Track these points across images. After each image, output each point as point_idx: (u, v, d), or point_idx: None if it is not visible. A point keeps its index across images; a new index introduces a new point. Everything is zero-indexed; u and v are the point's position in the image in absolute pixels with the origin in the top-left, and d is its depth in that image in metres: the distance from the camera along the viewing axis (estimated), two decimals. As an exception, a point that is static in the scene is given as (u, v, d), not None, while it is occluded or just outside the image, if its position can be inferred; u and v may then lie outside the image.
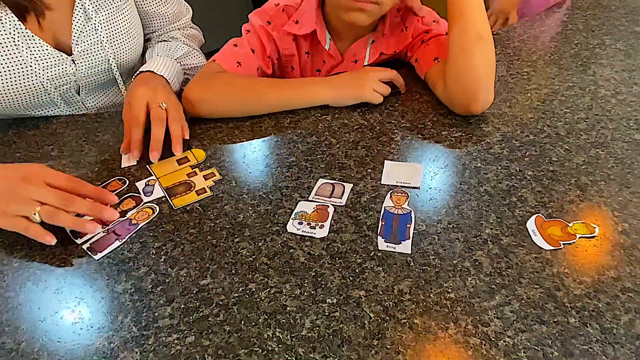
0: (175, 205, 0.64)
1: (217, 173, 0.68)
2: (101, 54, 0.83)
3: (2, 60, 0.73)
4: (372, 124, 0.76)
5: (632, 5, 1.05)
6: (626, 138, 0.71)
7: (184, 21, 0.99)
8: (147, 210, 0.63)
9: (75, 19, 0.78)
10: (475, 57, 0.71)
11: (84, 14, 0.79)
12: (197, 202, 0.64)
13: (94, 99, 0.88)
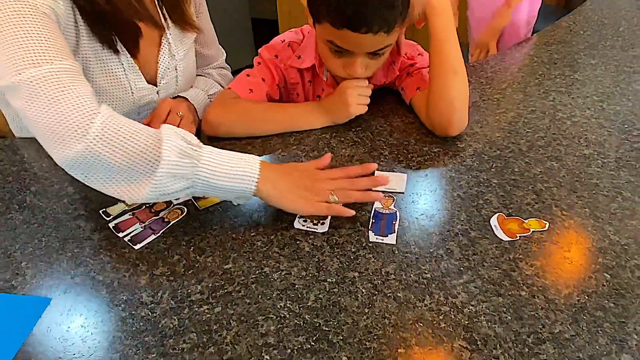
0: (200, 206, 0.76)
1: None
2: (174, 87, 0.97)
3: (113, 87, 0.86)
4: (364, 141, 0.90)
5: (589, 41, 1.20)
6: (577, 153, 0.84)
7: (220, 62, 1.15)
8: (177, 210, 0.76)
9: (161, 57, 0.92)
10: (452, 90, 0.85)
11: (168, 52, 0.93)
12: (218, 204, 0.77)
13: None
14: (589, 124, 0.91)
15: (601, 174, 0.80)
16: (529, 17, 1.37)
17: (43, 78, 0.64)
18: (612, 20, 1.30)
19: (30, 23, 0.67)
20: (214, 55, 1.12)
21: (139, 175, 0.65)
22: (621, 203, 0.74)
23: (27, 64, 0.65)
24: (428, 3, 0.87)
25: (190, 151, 0.65)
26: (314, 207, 0.71)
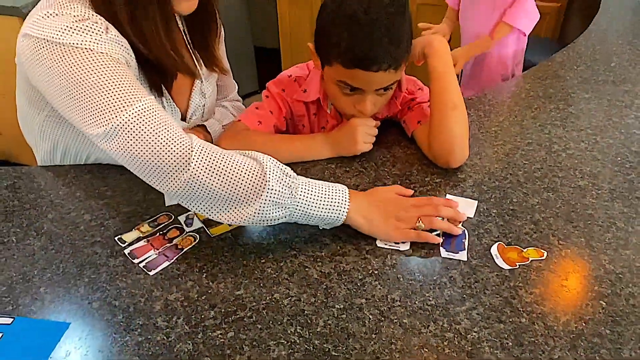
0: (212, 234, 0.79)
1: None
2: (199, 122, 1.02)
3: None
4: (368, 171, 0.93)
5: (582, 76, 1.26)
6: (572, 184, 0.88)
7: (233, 94, 1.20)
8: (190, 238, 0.79)
9: (193, 96, 0.97)
10: (452, 124, 0.89)
11: (200, 92, 0.98)
12: (229, 231, 0.80)
13: None
14: (584, 157, 0.95)
15: (596, 205, 0.83)
16: (515, 51, 1.43)
17: (136, 118, 0.70)
18: (604, 55, 1.36)
19: (110, 71, 0.72)
20: (229, 87, 1.18)
21: (243, 201, 0.70)
22: (615, 233, 0.77)
23: (118, 108, 0.70)
24: (428, 44, 0.93)
25: (289, 181, 0.71)
26: (403, 234, 0.76)
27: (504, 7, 1.34)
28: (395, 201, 0.80)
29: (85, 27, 0.73)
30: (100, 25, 0.75)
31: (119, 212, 0.84)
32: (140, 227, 0.81)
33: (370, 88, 0.88)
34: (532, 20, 1.35)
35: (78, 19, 0.73)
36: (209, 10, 0.93)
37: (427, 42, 0.93)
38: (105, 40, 0.74)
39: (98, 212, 0.84)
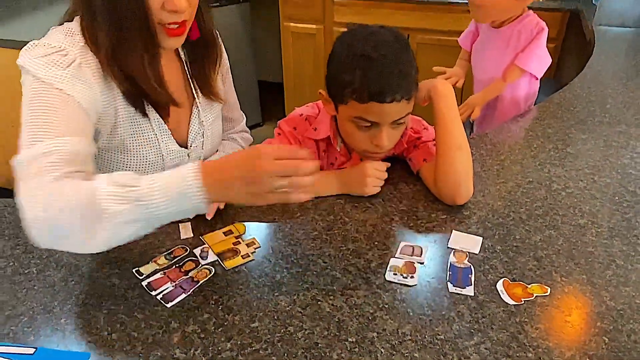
0: (227, 267, 0.82)
1: (257, 242, 0.88)
2: (201, 150, 1.05)
3: (145, 149, 0.94)
4: (376, 207, 0.97)
5: (579, 117, 1.31)
6: (572, 222, 0.92)
7: (241, 125, 1.24)
8: (205, 270, 0.81)
9: (192, 123, 1.01)
10: (457, 164, 0.94)
11: (198, 119, 1.02)
12: (243, 264, 0.83)
13: None
14: (583, 195, 0.99)
15: (596, 243, 0.86)
16: (527, 94, 1.48)
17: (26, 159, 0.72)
18: (599, 97, 1.42)
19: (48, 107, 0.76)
20: (237, 119, 1.22)
21: (88, 231, 0.68)
22: (615, 270, 0.80)
23: (28, 144, 0.74)
24: (433, 88, 0.98)
25: (130, 194, 0.67)
26: (263, 199, 0.70)
27: (516, 51, 1.40)
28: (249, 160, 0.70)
29: (51, 60, 0.78)
30: (67, 59, 0.80)
31: (137, 244, 0.86)
32: (157, 259, 0.83)
33: (385, 120, 0.91)
34: (543, 64, 1.41)
35: (52, 51, 0.79)
36: (208, 40, 0.98)
37: (432, 86, 0.98)
38: (62, 75, 0.78)
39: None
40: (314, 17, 2.81)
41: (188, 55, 1.01)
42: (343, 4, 2.72)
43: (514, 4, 1.32)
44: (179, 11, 0.83)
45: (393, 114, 0.91)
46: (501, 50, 1.43)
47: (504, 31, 1.42)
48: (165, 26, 0.84)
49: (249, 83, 3.15)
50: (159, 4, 0.81)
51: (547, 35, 1.40)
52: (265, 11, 3.27)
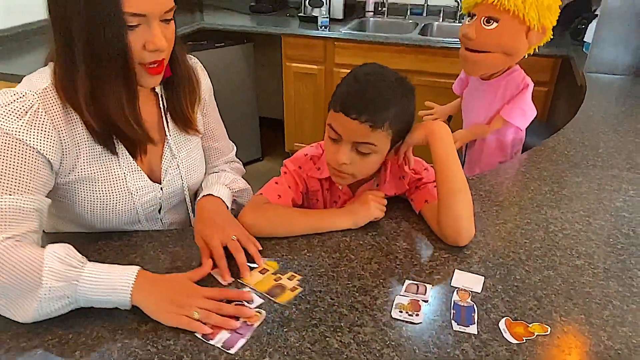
0: (281, 302, 0.85)
1: (296, 274, 0.91)
2: (179, 182, 1.08)
3: (112, 189, 0.96)
4: (381, 245, 1.00)
5: (573, 161, 1.36)
6: (570, 263, 0.95)
7: (230, 156, 1.26)
8: (257, 313, 0.82)
9: (164, 157, 1.04)
10: (458, 206, 0.97)
11: (170, 152, 1.05)
12: (295, 297, 0.85)
13: (169, 216, 1.12)
14: (579, 237, 1.03)
15: (593, 284, 0.90)
16: (513, 141, 1.54)
17: None
18: (592, 142, 1.48)
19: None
20: (223, 149, 1.23)
21: (24, 301, 0.75)
22: (612, 311, 0.83)
23: None
24: (430, 130, 1.01)
25: (70, 274, 0.76)
26: (175, 319, 0.78)
27: (502, 103, 1.46)
28: (183, 286, 0.83)
29: (11, 109, 0.83)
30: (25, 105, 0.83)
31: (149, 278, 0.88)
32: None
33: (347, 136, 0.95)
34: (527, 118, 1.47)
35: (13, 99, 0.83)
36: (184, 75, 1.02)
37: (429, 129, 1.01)
38: (18, 124, 0.82)
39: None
40: (315, 58, 2.91)
41: (164, 90, 1.03)
42: (343, 47, 2.82)
43: (503, 60, 1.39)
44: (160, 50, 0.86)
45: (354, 133, 0.94)
46: (489, 101, 1.50)
47: (492, 83, 1.49)
48: (145, 65, 0.88)
49: (251, 119, 3.23)
50: (140, 44, 0.84)
51: (540, 79, 1.47)
52: (268, 51, 3.38)
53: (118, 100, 0.87)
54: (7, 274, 0.74)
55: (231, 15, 3.20)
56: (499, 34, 1.33)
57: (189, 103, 1.05)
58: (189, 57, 1.07)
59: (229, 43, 2.94)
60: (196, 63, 1.11)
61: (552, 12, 1.32)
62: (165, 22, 0.87)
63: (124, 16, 0.80)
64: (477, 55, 1.39)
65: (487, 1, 1.31)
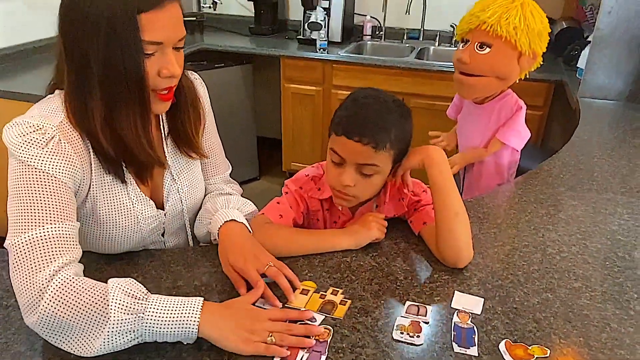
0: (338, 316, 0.87)
1: (337, 289, 0.93)
2: (180, 207, 1.09)
3: (120, 218, 0.97)
4: (381, 266, 1.01)
5: (568, 184, 1.39)
6: (568, 286, 0.97)
7: (226, 175, 1.24)
8: (325, 330, 0.83)
9: (165, 181, 1.05)
10: (456, 229, 0.99)
11: (170, 176, 1.06)
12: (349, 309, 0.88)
13: (171, 239, 1.12)
14: (576, 260, 1.05)
15: (590, 306, 0.91)
16: (509, 163, 1.57)
17: (17, 248, 0.79)
18: (587, 165, 1.51)
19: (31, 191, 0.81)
20: (220, 165, 1.21)
21: (90, 335, 0.74)
22: (610, 334, 0.85)
23: (16, 230, 0.80)
24: (426, 155, 1.02)
25: (137, 306, 0.76)
26: (252, 347, 0.78)
27: (497, 126, 1.50)
28: (250, 312, 0.83)
29: (30, 140, 0.83)
30: (45, 137, 0.84)
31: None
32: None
33: (350, 158, 0.98)
34: (522, 139, 1.51)
35: (30, 130, 0.83)
36: (189, 101, 1.03)
37: (426, 154, 1.03)
38: (40, 155, 0.83)
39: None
40: (313, 79, 2.95)
41: (166, 115, 1.04)
42: (341, 69, 2.87)
43: (496, 83, 1.43)
44: (174, 76, 0.88)
45: (357, 155, 0.97)
46: (483, 124, 1.53)
47: (486, 107, 1.52)
48: (157, 92, 0.89)
49: (249, 138, 3.25)
50: (155, 71, 0.86)
51: (534, 103, 1.50)
52: (267, 72, 3.43)
53: (133, 124, 0.88)
54: (71, 309, 0.74)
55: (231, 37, 3.25)
56: (492, 58, 1.37)
57: (194, 128, 1.06)
58: (190, 72, 1.08)
59: (228, 64, 2.98)
60: (196, 79, 1.12)
61: (542, 39, 1.37)
62: (177, 49, 0.89)
63: (142, 44, 0.82)
64: (471, 78, 1.42)
65: (480, 27, 1.35)
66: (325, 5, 3.04)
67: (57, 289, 0.75)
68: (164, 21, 0.84)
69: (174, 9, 0.86)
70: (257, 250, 0.97)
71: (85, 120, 0.87)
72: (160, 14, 0.83)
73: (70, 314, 0.74)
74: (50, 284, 0.76)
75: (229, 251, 0.96)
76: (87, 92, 0.85)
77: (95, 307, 0.74)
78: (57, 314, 0.74)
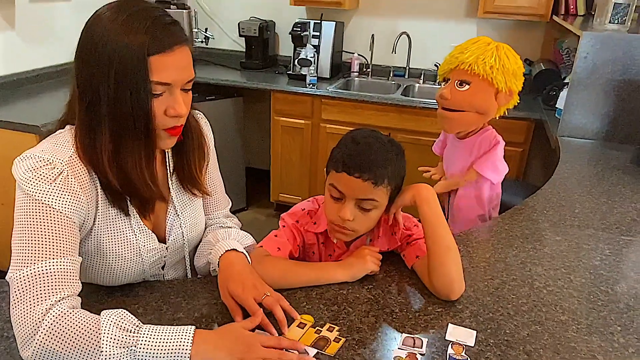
0: (330, 353, 0.88)
1: (334, 326, 0.95)
2: (181, 241, 1.11)
3: (124, 251, 0.99)
4: (377, 298, 1.04)
5: (552, 220, 1.45)
6: (555, 318, 1.01)
7: (226, 210, 1.28)
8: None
9: (168, 215, 1.07)
10: (448, 263, 1.03)
11: (174, 211, 1.08)
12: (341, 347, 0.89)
13: (170, 271, 1.13)
14: (562, 293, 1.09)
15: (577, 339, 0.95)
16: (489, 197, 1.63)
17: (18, 282, 0.81)
18: (568, 202, 1.58)
19: (37, 226, 0.83)
20: (221, 201, 1.24)
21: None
22: (597, 365, 0.89)
23: (18, 264, 0.82)
24: (417, 192, 1.08)
25: (129, 340, 0.78)
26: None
27: (476, 158, 1.57)
28: (244, 340, 0.85)
29: (39, 174, 0.85)
30: (54, 172, 0.86)
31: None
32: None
33: (350, 193, 1.02)
34: (499, 172, 1.58)
35: (40, 164, 0.86)
36: (195, 140, 1.06)
37: (416, 191, 1.08)
38: (48, 190, 0.85)
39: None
40: (303, 113, 3.02)
41: (172, 152, 1.06)
42: (330, 104, 2.95)
43: (476, 118, 1.51)
44: (180, 116, 0.92)
45: (357, 190, 1.02)
46: (465, 157, 1.61)
47: (467, 142, 1.60)
48: (164, 130, 0.92)
49: (237, 169, 3.28)
50: (161, 110, 0.89)
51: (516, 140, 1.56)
52: (256, 105, 3.50)
53: (138, 160, 0.91)
54: (64, 343, 0.76)
55: (223, 70, 3.32)
56: (471, 95, 1.46)
57: (198, 167, 1.09)
58: (197, 112, 1.12)
59: (219, 97, 3.04)
60: (201, 118, 1.16)
61: (517, 78, 1.45)
62: (185, 90, 0.93)
63: (150, 84, 0.86)
64: (453, 113, 1.51)
65: (459, 67, 1.44)
66: (315, 43, 3.14)
67: (51, 323, 0.77)
68: (174, 64, 0.88)
69: (184, 52, 0.90)
70: (255, 279, 1.00)
71: (94, 156, 0.90)
72: (170, 57, 0.87)
73: (64, 349, 0.76)
74: (45, 318, 0.77)
75: (228, 279, 0.99)
76: (96, 129, 0.88)
77: (88, 341, 0.76)
78: (51, 348, 0.76)
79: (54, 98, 2.52)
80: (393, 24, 3.26)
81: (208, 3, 3.55)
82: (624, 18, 2.10)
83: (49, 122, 2.15)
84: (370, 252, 1.11)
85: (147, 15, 0.87)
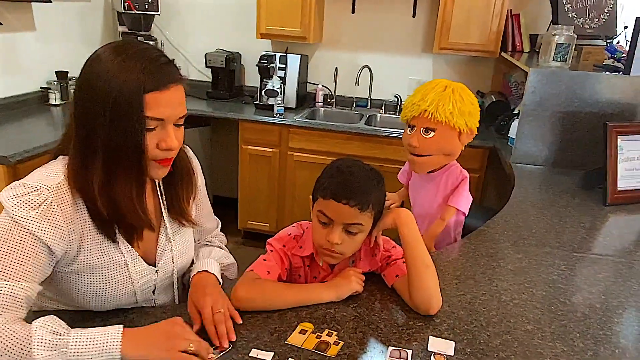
0: (331, 355, 0.97)
1: (333, 332, 1.03)
2: (171, 265, 1.15)
3: (114, 276, 1.02)
4: (362, 315, 1.12)
5: (512, 240, 1.58)
6: (522, 328, 1.12)
7: (216, 231, 1.36)
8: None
9: (159, 241, 1.12)
10: (426, 280, 1.13)
11: (165, 236, 1.13)
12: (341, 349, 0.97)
13: (161, 296, 1.17)
14: (526, 305, 1.21)
15: (543, 345, 1.06)
16: (455, 224, 1.76)
17: None
18: (526, 223, 1.73)
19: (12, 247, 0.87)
20: (210, 228, 1.33)
21: None
22: (561, 368, 0.99)
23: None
24: (397, 215, 1.18)
25: (59, 342, 0.82)
26: (172, 356, 0.88)
27: (445, 193, 1.69)
28: (170, 327, 0.93)
29: (24, 200, 0.89)
30: (39, 198, 0.90)
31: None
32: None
33: (338, 219, 1.11)
34: (469, 202, 1.71)
35: (28, 191, 0.90)
36: (184, 172, 1.13)
37: (396, 215, 1.18)
38: (30, 216, 0.88)
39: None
40: (270, 142, 3.11)
41: (162, 182, 1.11)
42: (297, 133, 3.05)
43: (444, 159, 1.66)
44: (171, 149, 0.97)
45: (345, 215, 1.10)
46: (433, 192, 1.74)
47: (434, 177, 1.73)
48: (156, 160, 0.98)
49: (204, 198, 3.30)
50: (154, 143, 0.95)
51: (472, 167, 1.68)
52: (224, 134, 3.55)
53: (129, 190, 0.96)
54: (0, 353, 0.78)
55: (190, 100, 3.35)
56: (437, 140, 1.60)
57: (186, 198, 1.15)
58: (187, 148, 1.18)
59: (187, 126, 3.05)
60: (188, 151, 1.22)
61: (474, 117, 1.60)
62: (177, 126, 0.99)
63: (144, 119, 0.91)
64: (422, 158, 1.64)
65: (422, 115, 1.57)
66: (281, 75, 3.26)
67: None
68: (168, 101, 0.94)
69: (178, 90, 0.97)
70: (218, 294, 1.07)
71: (85, 184, 0.94)
72: (164, 94, 0.93)
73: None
74: None
75: (194, 292, 1.08)
76: (89, 158, 0.93)
77: (19, 347, 0.80)
78: None
79: (20, 128, 2.49)
80: (355, 57, 3.44)
81: (174, 35, 3.61)
82: (565, 56, 2.33)
83: (16, 153, 2.13)
84: (355, 273, 1.19)
85: (145, 55, 0.94)
